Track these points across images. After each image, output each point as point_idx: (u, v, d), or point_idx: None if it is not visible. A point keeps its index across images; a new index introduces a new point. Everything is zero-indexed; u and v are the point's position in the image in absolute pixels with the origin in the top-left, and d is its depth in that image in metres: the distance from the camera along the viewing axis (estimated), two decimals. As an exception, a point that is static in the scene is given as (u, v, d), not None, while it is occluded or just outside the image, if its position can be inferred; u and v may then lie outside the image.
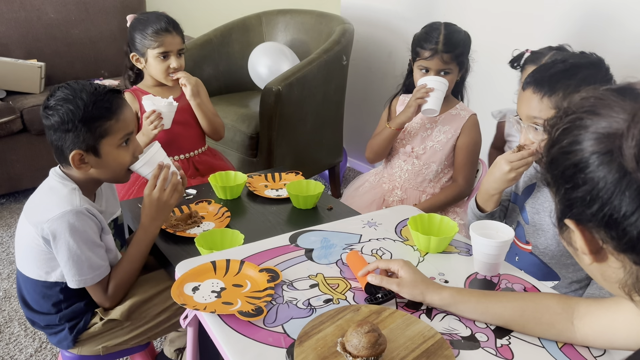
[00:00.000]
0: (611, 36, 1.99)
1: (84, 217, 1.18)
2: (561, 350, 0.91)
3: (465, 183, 1.72)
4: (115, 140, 1.22)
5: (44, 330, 1.32)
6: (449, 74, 1.71)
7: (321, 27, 2.82)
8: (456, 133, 1.75)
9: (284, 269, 1.11)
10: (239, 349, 0.88)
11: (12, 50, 2.87)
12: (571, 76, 1.17)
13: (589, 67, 1.18)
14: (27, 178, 2.68)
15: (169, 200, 1.31)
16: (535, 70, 1.24)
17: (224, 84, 2.89)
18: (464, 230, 1.56)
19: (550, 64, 1.22)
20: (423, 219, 1.27)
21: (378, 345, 0.83)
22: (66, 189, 1.21)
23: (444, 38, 1.68)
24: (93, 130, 1.18)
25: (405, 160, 1.85)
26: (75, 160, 1.19)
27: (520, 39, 2.29)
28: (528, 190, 1.38)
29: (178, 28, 1.87)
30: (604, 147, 0.58)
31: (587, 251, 0.63)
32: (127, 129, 1.24)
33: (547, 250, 1.33)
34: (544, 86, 1.18)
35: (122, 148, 1.24)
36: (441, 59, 1.68)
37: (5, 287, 2.09)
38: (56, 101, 1.18)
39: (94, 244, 1.20)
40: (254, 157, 2.45)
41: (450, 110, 1.77)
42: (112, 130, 1.21)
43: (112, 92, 1.22)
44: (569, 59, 1.21)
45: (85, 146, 1.19)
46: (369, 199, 1.89)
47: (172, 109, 1.79)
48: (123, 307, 1.27)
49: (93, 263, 1.20)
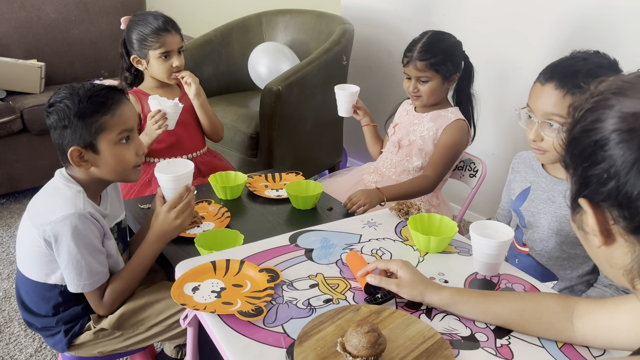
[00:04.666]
0: (612, 36, 1.99)
1: (87, 221, 1.17)
2: (561, 350, 0.91)
3: (433, 177, 1.72)
4: (112, 136, 1.20)
5: (40, 332, 1.32)
6: (426, 82, 1.73)
7: (321, 27, 2.82)
8: (438, 132, 1.77)
9: (284, 269, 1.11)
10: (239, 349, 0.88)
11: (12, 50, 2.88)
12: (595, 76, 1.11)
13: (610, 68, 1.15)
14: (27, 178, 2.68)
15: (183, 224, 1.29)
16: (556, 65, 1.19)
17: (224, 84, 2.89)
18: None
19: (571, 61, 1.18)
20: (423, 219, 1.27)
21: (378, 345, 0.84)
22: (71, 192, 1.20)
23: (421, 46, 1.70)
24: (89, 125, 1.17)
25: (392, 151, 1.88)
26: (74, 157, 1.19)
27: (520, 39, 2.30)
28: (523, 195, 1.38)
29: (176, 26, 1.86)
30: (626, 125, 0.58)
31: (598, 232, 0.63)
32: (125, 125, 1.22)
33: (544, 252, 1.33)
34: (567, 82, 1.14)
35: (121, 145, 1.22)
36: (415, 66, 1.71)
37: (5, 287, 2.09)
38: (55, 100, 1.19)
39: (94, 249, 1.19)
40: (254, 157, 2.45)
41: (440, 111, 1.79)
42: (107, 125, 1.19)
43: (110, 89, 1.21)
44: (590, 58, 1.17)
45: (83, 142, 1.18)
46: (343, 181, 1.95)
47: (177, 110, 1.78)
48: (113, 317, 1.26)
49: (92, 268, 1.19)
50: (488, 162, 1.98)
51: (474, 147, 1.92)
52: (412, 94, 1.77)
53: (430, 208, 1.82)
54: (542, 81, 1.19)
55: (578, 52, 1.19)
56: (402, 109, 1.94)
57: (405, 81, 1.78)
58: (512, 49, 2.34)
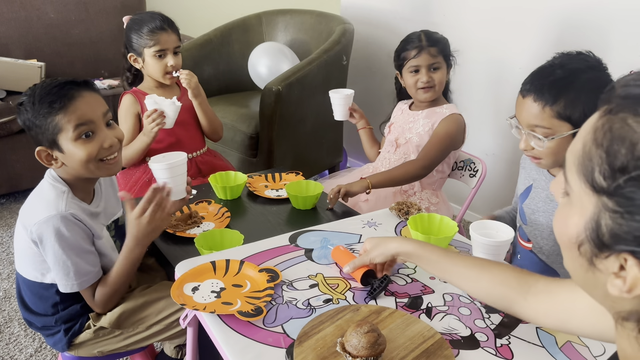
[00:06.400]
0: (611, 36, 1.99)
1: (69, 222, 1.15)
2: (561, 350, 0.91)
3: (421, 161, 1.71)
4: (70, 134, 1.15)
5: (41, 331, 1.31)
6: (438, 69, 1.74)
7: (321, 27, 2.82)
8: (433, 126, 1.77)
9: (284, 269, 1.11)
10: (239, 349, 0.88)
11: (12, 50, 2.87)
12: (572, 82, 1.14)
13: (587, 70, 1.16)
14: (27, 178, 2.68)
15: (158, 228, 1.22)
16: (534, 76, 1.21)
17: (224, 84, 2.89)
18: None
19: (549, 70, 1.19)
20: (423, 219, 1.27)
21: (377, 345, 0.84)
22: (54, 192, 1.19)
23: (426, 36, 1.75)
24: (46, 126, 1.14)
25: (389, 150, 1.88)
26: (42, 157, 1.18)
27: (521, 39, 2.29)
28: (526, 192, 1.38)
29: (173, 26, 1.86)
30: None
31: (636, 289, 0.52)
32: (80, 119, 1.15)
33: (543, 249, 1.33)
34: (544, 94, 1.15)
35: (83, 141, 1.16)
36: (429, 52, 1.73)
37: (5, 287, 2.09)
38: (19, 102, 1.18)
39: (81, 250, 1.17)
40: (254, 157, 2.45)
41: (435, 108, 1.79)
42: (62, 124, 1.14)
43: (64, 85, 1.15)
44: (568, 63, 1.18)
45: (47, 142, 1.16)
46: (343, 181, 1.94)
47: (175, 108, 1.77)
48: (112, 316, 1.25)
49: (80, 269, 1.18)
50: (488, 162, 1.98)
51: (474, 147, 1.92)
52: (425, 85, 1.74)
53: (430, 206, 1.82)
54: (523, 93, 1.20)
55: (557, 57, 1.20)
56: (397, 109, 1.95)
57: (411, 76, 1.75)
58: (513, 48, 2.34)
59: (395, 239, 1.05)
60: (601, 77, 1.15)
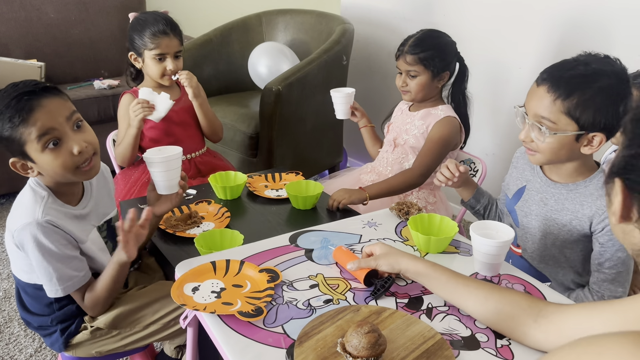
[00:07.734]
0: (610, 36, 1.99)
1: (46, 229, 1.13)
2: (561, 350, 0.91)
3: (418, 170, 1.71)
4: (35, 145, 1.10)
5: (38, 331, 1.31)
6: (415, 77, 1.74)
7: (321, 27, 2.82)
8: (428, 128, 1.77)
9: (284, 269, 1.11)
10: (239, 350, 0.88)
11: (12, 50, 2.87)
12: (591, 83, 1.10)
13: (611, 75, 1.11)
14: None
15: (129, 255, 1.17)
16: (554, 67, 1.16)
17: (224, 84, 2.89)
18: None
19: (571, 64, 1.14)
20: (423, 219, 1.27)
21: (378, 345, 0.83)
22: (34, 197, 1.17)
23: (413, 41, 1.73)
24: (11, 140, 1.10)
25: (388, 150, 1.88)
26: (16, 167, 1.15)
27: (521, 38, 2.29)
28: (518, 193, 1.37)
29: (176, 30, 1.84)
30: None
31: (619, 214, 0.63)
32: (40, 131, 1.09)
33: (535, 254, 1.33)
34: (560, 88, 1.12)
35: (50, 150, 1.11)
36: (405, 59, 1.73)
37: (5, 287, 2.09)
38: None
39: (62, 256, 1.15)
40: (254, 157, 2.45)
41: (430, 109, 1.79)
42: (24, 137, 1.10)
43: (20, 97, 1.09)
44: (592, 62, 1.13)
45: (18, 154, 1.13)
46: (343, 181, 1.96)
47: (165, 102, 1.74)
48: (108, 317, 1.25)
49: (63, 275, 1.16)
50: (488, 162, 1.98)
51: (474, 147, 1.92)
52: (401, 88, 1.78)
53: (427, 205, 1.82)
54: (538, 82, 1.17)
55: (583, 55, 1.16)
56: (398, 109, 1.96)
57: (397, 76, 1.79)
58: (513, 48, 2.34)
59: (407, 255, 1.03)
60: (622, 88, 1.11)
